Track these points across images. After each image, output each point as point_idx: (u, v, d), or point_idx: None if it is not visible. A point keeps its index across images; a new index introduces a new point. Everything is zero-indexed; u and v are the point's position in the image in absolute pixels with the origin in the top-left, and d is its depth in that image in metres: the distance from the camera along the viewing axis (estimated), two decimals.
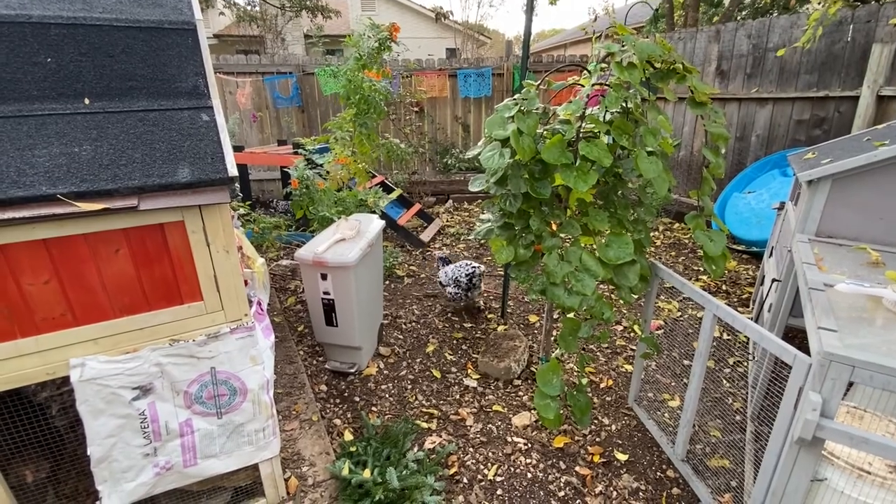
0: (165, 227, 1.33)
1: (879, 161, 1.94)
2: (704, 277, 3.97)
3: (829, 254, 1.91)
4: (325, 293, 2.55)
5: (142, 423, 1.43)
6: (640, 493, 1.97)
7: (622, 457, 2.16)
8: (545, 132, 1.98)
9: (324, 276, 2.51)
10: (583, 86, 1.95)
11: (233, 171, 1.34)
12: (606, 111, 1.97)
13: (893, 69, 3.60)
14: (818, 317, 1.37)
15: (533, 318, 3.43)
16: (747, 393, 2.46)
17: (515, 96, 1.92)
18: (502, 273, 3.53)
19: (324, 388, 2.68)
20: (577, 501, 1.95)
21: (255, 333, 1.58)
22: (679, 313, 3.42)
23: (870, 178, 2.00)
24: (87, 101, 1.44)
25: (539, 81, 2.05)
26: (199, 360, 1.48)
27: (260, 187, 6.52)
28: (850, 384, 1.61)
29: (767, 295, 2.54)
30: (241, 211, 3.62)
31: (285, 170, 4.04)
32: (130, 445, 1.44)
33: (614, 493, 1.98)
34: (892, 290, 1.46)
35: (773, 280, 2.42)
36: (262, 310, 1.76)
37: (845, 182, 2.04)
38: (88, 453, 1.38)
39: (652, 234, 5.10)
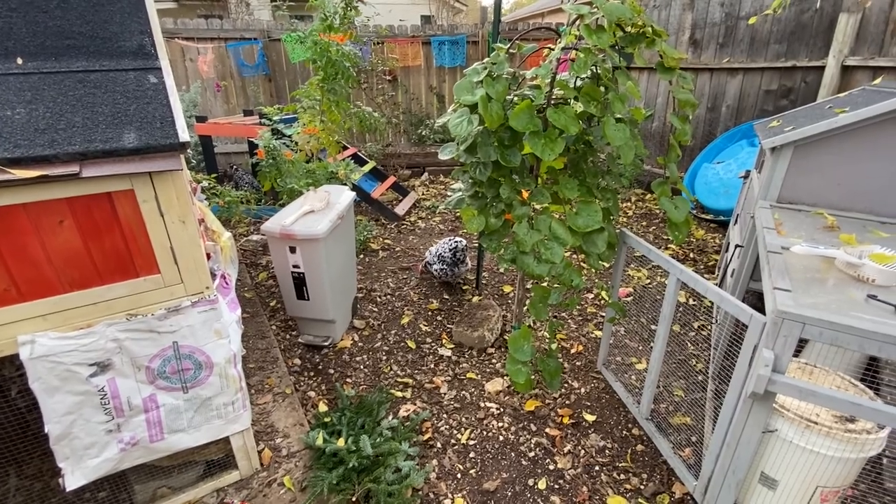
0: (114, 197, 1.26)
1: (839, 127, 1.98)
2: (673, 246, 4.07)
3: (789, 219, 1.97)
4: (295, 266, 2.50)
5: (102, 399, 1.39)
6: (607, 451, 2.06)
7: (590, 417, 2.23)
8: (515, 98, 1.94)
9: (292, 249, 2.45)
10: (552, 49, 1.91)
11: (184, 136, 1.27)
12: (576, 77, 1.95)
13: (858, 39, 3.66)
14: (774, 278, 1.42)
15: (507, 289, 3.47)
16: (710, 354, 2.56)
17: (485, 60, 1.87)
18: (477, 245, 3.53)
19: (297, 361, 2.67)
20: (547, 461, 2.02)
21: (219, 307, 1.54)
22: (648, 281, 3.51)
23: (829, 145, 2.04)
24: (19, 60, 1.33)
25: (509, 45, 1.99)
26: (160, 334, 1.43)
27: (227, 160, 6.28)
28: (805, 342, 1.68)
29: (731, 260, 2.62)
30: (205, 184, 3.48)
31: (253, 141, 3.89)
32: (91, 422, 1.41)
33: (582, 451, 2.06)
34: (843, 252, 1.51)
35: (736, 246, 2.49)
36: (227, 283, 1.71)
37: (806, 149, 2.08)
38: (46, 431, 1.34)
39: (624, 204, 5.18)
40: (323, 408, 2.29)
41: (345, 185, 3.48)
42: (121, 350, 1.39)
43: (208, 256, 1.66)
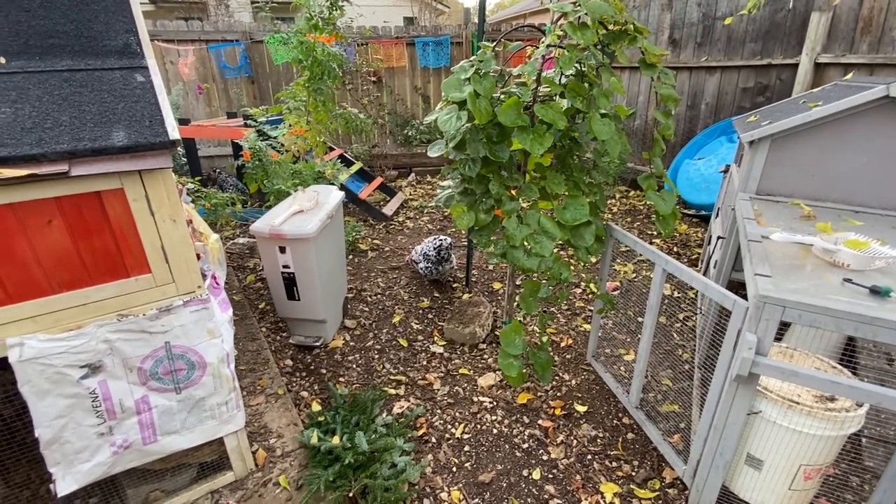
0: (103, 196, 1.25)
1: (813, 121, 2.06)
2: (657, 241, 4.15)
3: (768, 210, 2.04)
4: (285, 266, 2.49)
5: (93, 402, 1.38)
6: (598, 440, 2.10)
7: (581, 408, 2.27)
8: (502, 95, 1.97)
9: (282, 250, 2.45)
10: (536, 48, 1.94)
11: (174, 134, 1.26)
12: (562, 74, 1.98)
13: (830, 37, 3.79)
14: (755, 265, 1.47)
15: (497, 286, 3.50)
16: (695, 344, 2.63)
17: (472, 58, 1.90)
18: (465, 243, 3.56)
19: (289, 362, 2.65)
20: (540, 451, 2.05)
21: (211, 306, 1.53)
22: (634, 275, 3.57)
23: (804, 138, 2.12)
24: (2, 60, 1.31)
25: (495, 43, 2.02)
26: (152, 334, 1.42)
27: (210, 164, 6.20)
28: (785, 328, 1.74)
29: (713, 252, 2.69)
30: (191, 186, 3.44)
31: (238, 143, 3.86)
32: (83, 425, 1.39)
33: (574, 441, 2.09)
34: (820, 239, 1.57)
35: (718, 237, 2.56)
36: (217, 284, 1.71)
37: (783, 142, 2.16)
38: (37, 435, 1.32)
39: (609, 201, 5.26)
40: (316, 407, 2.29)
41: (333, 184, 3.47)
42: (112, 351, 1.37)
43: (198, 257, 1.65)
